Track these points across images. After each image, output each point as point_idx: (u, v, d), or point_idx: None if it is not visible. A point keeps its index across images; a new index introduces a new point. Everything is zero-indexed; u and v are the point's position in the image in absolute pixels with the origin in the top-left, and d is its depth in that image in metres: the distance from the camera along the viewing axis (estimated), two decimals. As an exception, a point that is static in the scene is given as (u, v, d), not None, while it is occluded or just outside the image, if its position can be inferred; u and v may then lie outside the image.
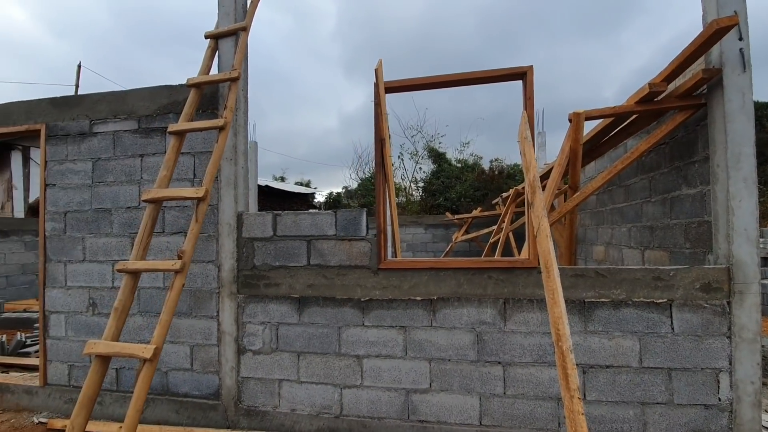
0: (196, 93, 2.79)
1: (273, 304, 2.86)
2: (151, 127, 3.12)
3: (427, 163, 18.29)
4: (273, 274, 2.86)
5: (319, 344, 2.78)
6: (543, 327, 2.48)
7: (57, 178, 3.29)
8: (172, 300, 2.13)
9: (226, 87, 2.92)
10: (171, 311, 2.11)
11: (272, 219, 2.88)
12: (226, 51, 2.96)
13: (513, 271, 2.52)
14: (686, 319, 2.35)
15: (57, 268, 3.28)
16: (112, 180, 3.18)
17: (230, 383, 2.89)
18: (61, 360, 3.27)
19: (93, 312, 3.19)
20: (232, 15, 2.96)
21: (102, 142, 3.21)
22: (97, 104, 3.23)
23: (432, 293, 2.62)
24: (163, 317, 2.09)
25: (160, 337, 2.06)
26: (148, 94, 3.12)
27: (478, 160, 16.57)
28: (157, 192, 2.41)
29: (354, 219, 2.75)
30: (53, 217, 3.29)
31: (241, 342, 2.90)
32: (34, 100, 3.40)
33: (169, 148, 2.59)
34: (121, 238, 3.14)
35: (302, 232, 2.83)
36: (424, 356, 2.62)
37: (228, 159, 2.92)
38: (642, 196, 3.64)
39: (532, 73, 2.50)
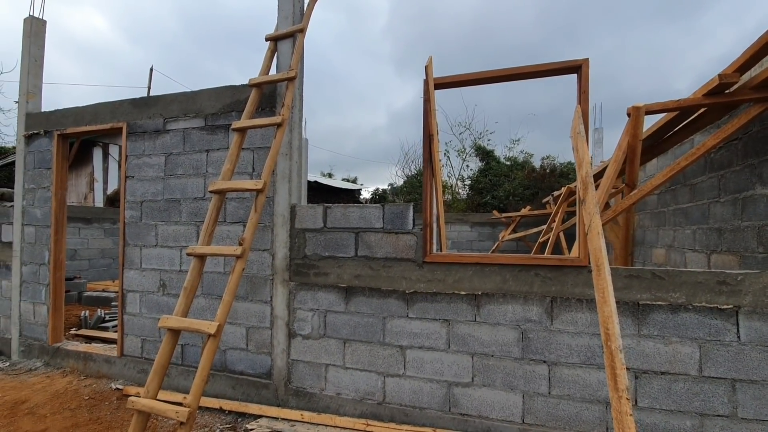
0: (256, 92, 2.99)
1: (322, 293, 3.00)
2: (216, 125, 3.38)
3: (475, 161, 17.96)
4: (322, 264, 3.00)
5: (364, 333, 2.88)
6: (592, 328, 2.41)
7: (135, 171, 3.66)
8: (234, 282, 2.32)
9: (283, 86, 3.10)
10: (232, 293, 2.31)
11: (323, 211, 3.02)
12: (284, 52, 3.14)
13: (561, 269, 2.47)
14: (755, 327, 2.19)
15: (134, 251, 3.66)
16: (182, 173, 3.49)
17: (281, 364, 3.08)
18: (135, 334, 3.64)
19: (163, 292, 3.53)
20: (290, 18, 3.13)
21: (173, 139, 3.52)
22: (170, 104, 3.55)
23: (476, 288, 2.63)
24: (226, 298, 2.29)
25: (222, 315, 2.25)
26: (214, 94, 3.39)
27: (528, 157, 16.02)
28: (221, 183, 2.62)
29: (401, 213, 2.82)
30: (131, 205, 3.67)
31: (292, 327, 3.08)
32: (117, 101, 3.80)
33: (232, 144, 2.80)
34: (188, 225, 3.44)
35: (351, 225, 2.95)
36: (467, 350, 2.65)
37: (283, 154, 3.10)
38: (709, 196, 3.39)
39: (588, 67, 2.42)
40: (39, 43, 4.39)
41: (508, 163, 17.04)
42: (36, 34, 4.36)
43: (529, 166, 14.84)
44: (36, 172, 4.17)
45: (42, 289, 4.08)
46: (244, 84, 3.28)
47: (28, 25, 4.33)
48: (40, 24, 4.42)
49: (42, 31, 4.43)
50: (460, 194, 18.54)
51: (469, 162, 18.53)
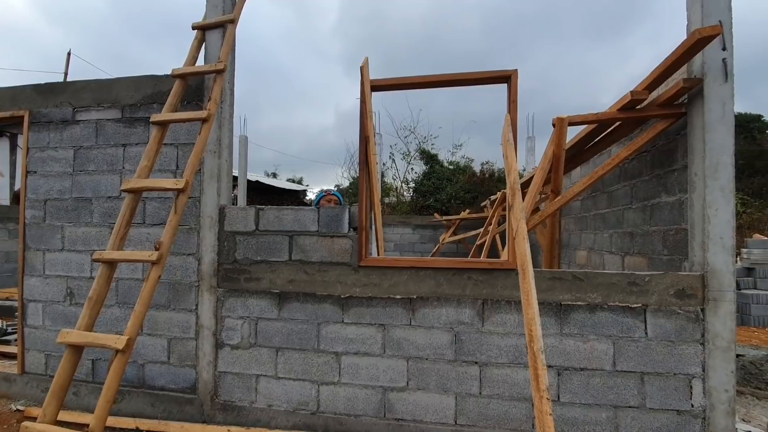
0: (180, 84, 2.76)
1: (253, 299, 2.84)
2: (134, 117, 3.08)
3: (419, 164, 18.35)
4: (254, 269, 2.84)
5: (297, 340, 2.77)
6: (520, 328, 2.50)
7: (38, 166, 3.25)
8: (148, 292, 2.11)
9: (212, 79, 2.90)
10: (146, 303, 2.10)
11: (255, 213, 2.87)
12: (213, 43, 2.94)
13: (492, 272, 2.54)
14: (660, 324, 2.39)
15: (36, 256, 3.23)
16: (94, 169, 3.14)
17: (207, 377, 2.87)
18: (38, 349, 3.22)
19: (70, 302, 3.15)
20: (221, 7, 2.94)
21: (84, 131, 3.17)
22: (81, 92, 3.19)
23: (411, 292, 2.63)
24: (138, 309, 2.07)
25: (133, 328, 2.04)
26: (133, 83, 3.09)
27: (469, 162, 16.67)
28: (136, 182, 2.39)
29: (337, 216, 2.75)
30: (33, 204, 3.24)
31: (220, 336, 2.88)
32: (19, 86, 3.35)
33: (151, 138, 2.56)
34: (100, 228, 3.11)
35: (285, 228, 2.82)
36: (402, 354, 2.63)
37: (212, 152, 2.90)
38: (624, 203, 3.68)
39: (517, 77, 2.51)
40: None
41: (451, 167, 17.61)
42: None
43: (470, 171, 15.44)
44: None
45: None
46: (167, 74, 3.02)
47: None
48: None
49: None
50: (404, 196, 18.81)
51: (414, 165, 18.88)
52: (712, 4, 2.39)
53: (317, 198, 3.52)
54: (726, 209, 2.34)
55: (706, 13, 2.40)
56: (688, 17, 2.49)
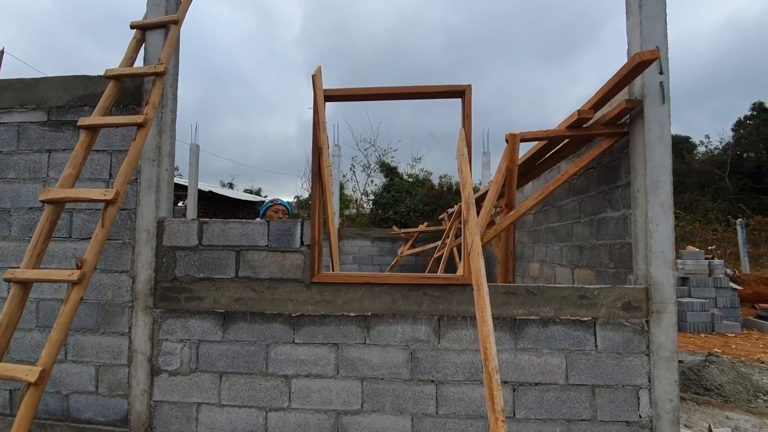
0: (115, 86, 2.54)
1: (194, 320, 2.62)
2: (62, 120, 2.80)
3: (379, 177, 18.43)
4: (196, 287, 2.63)
5: (244, 363, 2.57)
6: (475, 344, 2.47)
7: (-57, 172, 2.85)
8: (67, 315, 1.86)
9: (151, 82, 2.69)
10: (64, 329, 1.85)
11: (198, 227, 2.66)
12: (154, 44, 2.75)
13: (448, 287, 2.49)
14: (609, 336, 2.44)
15: (-64, 275, 2.81)
16: (14, 176, 2.81)
17: (141, 408, 2.60)
18: (-67, 384, 2.78)
19: (-22, 327, 2.76)
20: (163, 6, 2.75)
21: (5, 134, 2.83)
22: (2, 92, 2.85)
23: (366, 309, 2.53)
24: (54, 335, 1.82)
25: (49, 357, 1.78)
26: (62, 83, 2.81)
27: (428, 175, 16.96)
28: (58, 192, 2.13)
29: (288, 230, 2.61)
30: (-65, 216, 2.84)
31: (156, 362, 2.63)
32: None
33: (78, 144, 2.32)
34: (19, 242, 2.76)
35: (231, 242, 2.64)
36: (356, 375, 2.51)
37: (150, 160, 2.68)
38: (573, 217, 3.81)
39: (470, 92, 2.53)
40: None
41: (411, 180, 17.83)
42: None
43: (428, 184, 15.68)
44: None
45: None
46: (100, 75, 2.78)
47: None
48: None
49: None
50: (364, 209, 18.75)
51: (373, 177, 18.93)
52: (650, 31, 2.53)
53: (263, 208, 3.35)
54: (666, 224, 2.45)
55: (644, 39, 2.53)
56: (629, 42, 2.62)
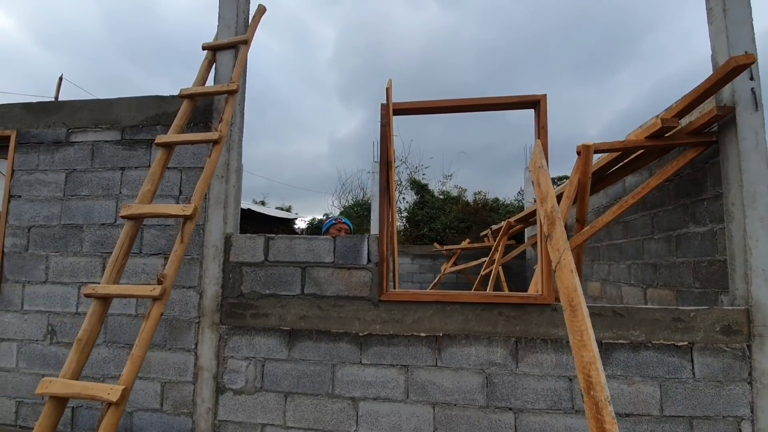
0: (189, 105, 2.59)
1: (260, 337, 2.58)
2: (135, 139, 2.88)
3: (410, 194, 18.36)
4: (262, 304, 2.59)
5: (310, 384, 2.49)
6: (558, 370, 2.29)
7: (24, 190, 2.98)
8: (148, 332, 1.84)
9: (221, 100, 2.74)
10: (145, 345, 1.83)
11: (264, 243, 2.65)
12: (224, 64, 2.81)
13: (525, 307, 2.35)
14: (707, 363, 2.21)
15: (13, 289, 2.91)
16: (87, 193, 2.90)
17: (205, 427, 2.55)
18: (8, 395, 2.84)
19: (51, 341, 2.82)
20: (233, 28, 2.82)
21: (79, 153, 2.94)
22: (77, 112, 2.98)
23: (437, 329, 2.41)
24: (136, 352, 1.80)
25: (130, 375, 1.76)
26: (136, 104, 2.91)
27: (462, 192, 16.70)
28: (138, 208, 2.16)
29: (354, 246, 2.55)
30: (15, 231, 2.95)
31: (221, 380, 2.59)
32: (7, 104, 3.13)
33: (155, 161, 2.36)
34: (91, 257, 2.83)
35: (297, 258, 2.60)
36: (427, 400, 2.38)
37: (219, 176, 2.70)
38: (643, 233, 3.58)
39: (546, 102, 2.43)
40: None
41: (442, 196, 17.66)
42: None
43: (463, 201, 15.47)
44: None
45: None
46: (174, 95, 2.86)
47: None
48: None
49: None
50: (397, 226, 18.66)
51: (405, 195, 18.90)
52: (736, 36, 2.38)
53: (325, 226, 3.31)
54: (767, 240, 2.23)
55: (731, 44, 2.38)
56: (713, 48, 2.47)
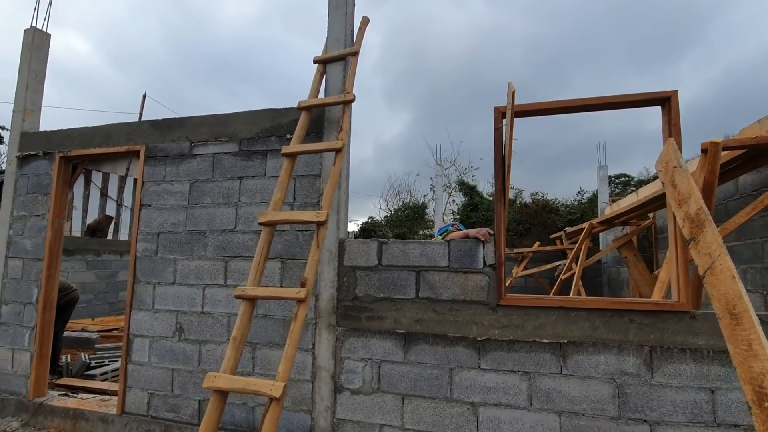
0: (306, 116, 2.73)
1: (375, 339, 2.65)
2: (251, 150, 3.08)
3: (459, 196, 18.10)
4: (376, 307, 2.66)
5: (426, 387, 2.52)
6: (698, 381, 2.16)
7: (153, 199, 3.27)
8: (297, 332, 1.95)
9: (334, 110, 2.86)
10: (296, 344, 1.94)
11: (377, 247, 2.72)
12: (334, 75, 2.93)
13: (659, 314, 2.23)
14: None
15: (145, 290, 3.20)
16: (209, 202, 3.13)
17: (324, 425, 2.65)
18: (141, 387, 3.12)
19: (179, 337, 3.06)
20: (342, 41, 2.94)
21: (201, 164, 3.18)
22: (198, 127, 3.23)
23: (561, 336, 2.36)
24: (289, 351, 1.91)
25: (285, 372, 1.87)
26: (251, 117, 3.10)
27: (519, 192, 16.19)
28: (274, 215, 2.30)
29: (470, 250, 2.56)
30: (146, 237, 3.25)
31: (339, 379, 2.68)
32: (135, 122, 3.45)
33: (283, 170, 2.51)
34: (214, 261, 3.05)
35: (410, 263, 2.65)
36: (552, 408, 2.33)
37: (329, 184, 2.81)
38: (763, 235, 3.30)
39: (677, 99, 2.31)
40: (41, 56, 4.03)
41: (491, 198, 17.27)
42: (38, 47, 4.00)
43: (520, 202, 15.02)
44: (29, 198, 3.69)
45: (26, 333, 3.51)
46: (287, 107, 3.03)
47: (29, 37, 3.98)
48: (44, 37, 4.07)
49: (45, 45, 4.08)
50: (448, 229, 18.44)
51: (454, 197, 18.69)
52: None
53: (440, 231, 3.33)
54: None
55: None
56: None
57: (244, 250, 2.99)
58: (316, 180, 2.87)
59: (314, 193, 2.87)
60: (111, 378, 4.61)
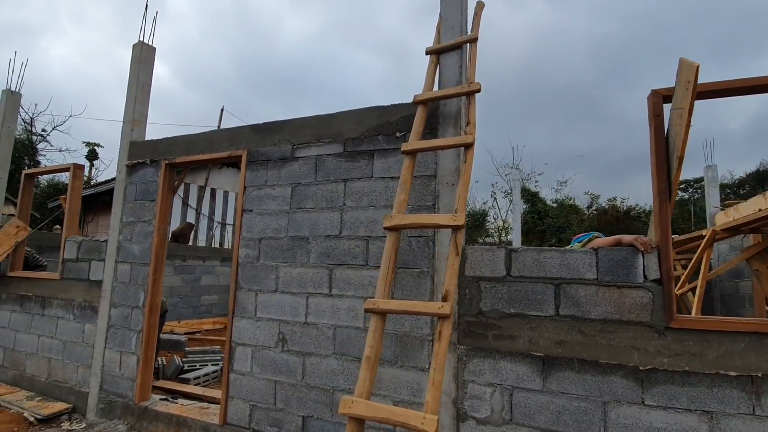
0: (423, 110, 2.50)
1: (505, 362, 2.31)
2: (357, 151, 2.90)
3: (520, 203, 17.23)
4: (505, 324, 2.33)
5: (573, 422, 2.14)
6: None
7: (254, 204, 3.20)
8: (443, 353, 1.68)
9: (449, 104, 2.60)
10: (442, 368, 1.67)
11: (505, 255, 2.40)
12: (450, 65, 2.68)
13: None
14: None
15: (247, 297, 3.12)
16: (311, 206, 2.99)
17: (445, 456, 2.35)
18: (243, 398, 3.02)
19: (282, 348, 2.93)
20: (457, 28, 2.68)
21: (303, 167, 3.06)
22: (300, 129, 3.13)
23: (754, 367, 1.88)
24: (436, 377, 1.64)
25: (435, 402, 1.61)
26: (356, 116, 2.93)
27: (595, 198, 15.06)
28: (401, 218, 2.07)
29: (624, 260, 2.15)
30: (248, 243, 3.18)
31: (461, 405, 2.38)
32: (236, 127, 3.43)
33: (404, 170, 2.28)
34: (317, 269, 2.89)
35: (547, 273, 2.30)
36: (749, 461, 1.85)
37: (449, 184, 2.55)
38: None
39: None
40: (147, 69, 4.19)
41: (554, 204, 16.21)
42: (145, 61, 4.17)
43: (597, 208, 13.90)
44: (137, 204, 3.80)
45: (133, 336, 3.58)
46: (395, 104, 2.82)
47: (137, 51, 4.16)
48: (150, 50, 4.24)
49: (151, 58, 4.25)
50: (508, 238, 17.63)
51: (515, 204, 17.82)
52: None
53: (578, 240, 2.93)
54: None
55: None
56: None
57: (350, 258, 2.80)
58: (431, 181, 2.62)
59: (429, 195, 2.61)
60: (203, 383, 4.66)
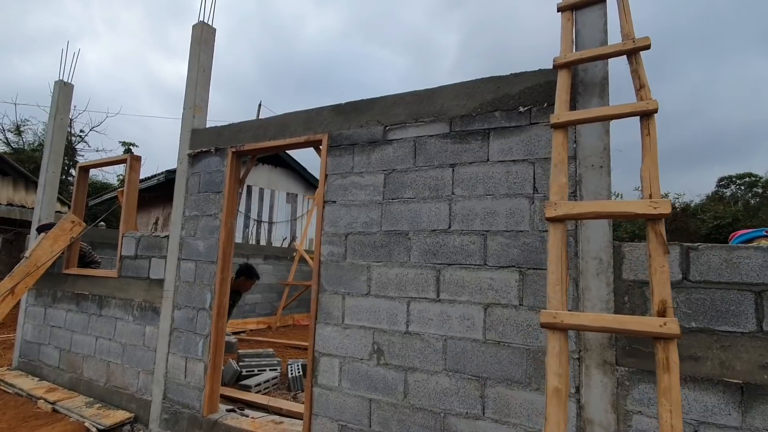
0: (567, 75, 2.03)
1: (686, 390, 1.82)
2: (467, 130, 2.45)
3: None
4: (684, 342, 1.84)
5: (793, 472, 1.64)
6: None
7: (338, 194, 2.81)
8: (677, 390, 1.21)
9: (590, 70, 2.12)
10: (679, 410, 1.20)
11: (682, 254, 1.90)
12: (589, 23, 2.19)
13: None
14: None
15: (332, 301, 2.73)
16: (411, 196, 2.56)
17: (602, 503, 1.88)
18: (330, 416, 2.63)
19: (378, 361, 2.52)
20: (598, -24, 2.19)
21: (398, 151, 2.64)
22: (392, 107, 2.71)
23: None
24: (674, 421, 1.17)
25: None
26: (465, 89, 2.49)
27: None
28: (572, 206, 1.60)
29: None
30: (331, 239, 2.79)
31: (623, 441, 1.90)
32: (314, 108, 3.04)
33: (557, 146, 1.81)
34: (422, 269, 2.46)
35: (743, 278, 1.79)
36: None
37: (596, 166, 2.07)
38: None
39: None
40: (208, 51, 3.87)
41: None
42: (206, 42, 3.85)
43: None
44: (201, 197, 3.48)
45: (199, 341, 3.26)
46: (516, 73, 2.36)
47: (198, 32, 3.84)
48: (210, 31, 3.92)
49: (211, 39, 3.92)
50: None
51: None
52: None
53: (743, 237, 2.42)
54: None
55: None
56: None
57: (463, 256, 2.36)
58: (570, 162, 2.15)
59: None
60: (263, 390, 4.34)
